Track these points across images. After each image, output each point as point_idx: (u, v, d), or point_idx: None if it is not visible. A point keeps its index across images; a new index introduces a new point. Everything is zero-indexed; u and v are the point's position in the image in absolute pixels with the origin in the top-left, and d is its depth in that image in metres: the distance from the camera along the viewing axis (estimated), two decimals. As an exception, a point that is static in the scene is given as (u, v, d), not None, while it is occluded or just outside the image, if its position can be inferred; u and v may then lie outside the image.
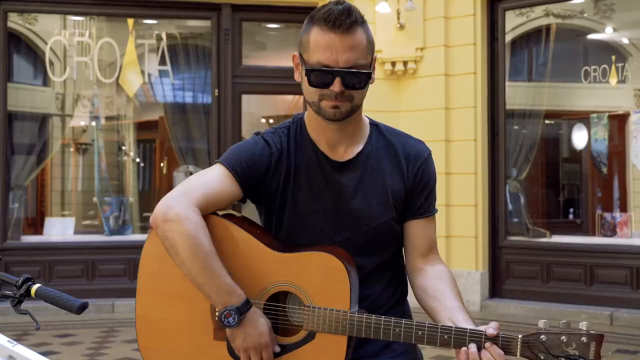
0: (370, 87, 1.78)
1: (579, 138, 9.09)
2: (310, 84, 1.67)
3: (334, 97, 1.65)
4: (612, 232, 7.50)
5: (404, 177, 1.78)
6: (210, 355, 1.67)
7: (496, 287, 7.39)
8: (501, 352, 1.53)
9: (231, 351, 1.66)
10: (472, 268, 7.35)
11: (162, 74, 8.15)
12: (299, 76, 1.74)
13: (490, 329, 1.54)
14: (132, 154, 9.14)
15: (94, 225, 8.94)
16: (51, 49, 7.91)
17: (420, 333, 1.57)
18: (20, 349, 2.03)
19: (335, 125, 1.73)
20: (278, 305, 1.68)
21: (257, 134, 1.78)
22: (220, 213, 1.72)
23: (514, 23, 7.92)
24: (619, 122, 7.95)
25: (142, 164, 9.98)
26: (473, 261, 7.34)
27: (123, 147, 9.02)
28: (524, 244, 7.61)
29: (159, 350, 1.72)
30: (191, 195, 1.63)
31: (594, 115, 7.98)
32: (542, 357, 1.53)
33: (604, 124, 7.74)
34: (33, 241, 7.74)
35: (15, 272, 7.41)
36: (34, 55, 8.21)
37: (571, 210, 9.48)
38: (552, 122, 9.30)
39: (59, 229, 7.84)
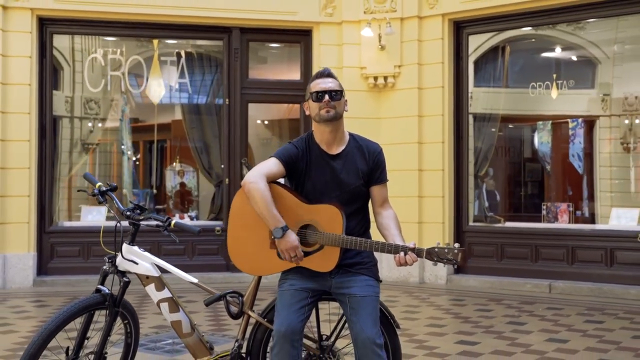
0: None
1: (536, 140, 10.04)
2: (314, 101, 3.12)
3: (325, 105, 3.05)
4: (554, 219, 8.78)
5: (367, 163, 3.19)
6: (266, 255, 3.09)
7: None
8: (415, 255, 2.97)
9: (279, 255, 3.07)
10: (440, 248, 8.62)
11: (181, 85, 9.27)
12: (308, 110, 3.19)
13: (411, 244, 2.98)
14: (153, 152, 10.23)
15: (110, 216, 10.12)
16: (75, 63, 9.01)
17: (376, 246, 2.99)
18: (159, 260, 3.45)
19: (329, 128, 3.11)
20: (305, 230, 3.08)
21: (290, 142, 3.21)
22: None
23: (484, 37, 8.93)
24: (563, 127, 9.22)
25: (159, 161, 11.09)
26: (441, 243, 8.59)
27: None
28: (483, 228, 8.87)
29: (239, 252, 3.13)
30: (261, 172, 3.06)
31: (540, 122, 9.18)
32: (435, 259, 2.96)
33: (548, 129, 9.07)
34: (73, 225, 8.94)
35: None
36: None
37: (524, 200, 10.65)
38: (513, 126, 10.39)
39: (94, 216, 9.02)
